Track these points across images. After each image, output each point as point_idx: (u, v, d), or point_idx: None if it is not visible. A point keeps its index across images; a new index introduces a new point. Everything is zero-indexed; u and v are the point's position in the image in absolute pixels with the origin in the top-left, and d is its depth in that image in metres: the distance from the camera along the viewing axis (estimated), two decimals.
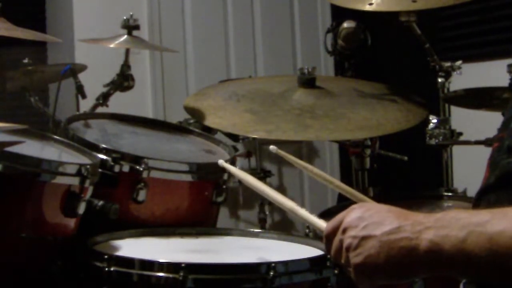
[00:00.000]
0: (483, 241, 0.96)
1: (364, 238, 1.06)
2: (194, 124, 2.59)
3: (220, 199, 1.97)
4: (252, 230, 1.98)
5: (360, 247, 1.07)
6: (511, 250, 0.94)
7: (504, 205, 0.99)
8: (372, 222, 1.07)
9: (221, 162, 1.68)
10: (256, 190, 1.43)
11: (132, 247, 1.69)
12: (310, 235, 1.94)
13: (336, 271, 1.55)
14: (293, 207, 1.32)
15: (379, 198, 2.31)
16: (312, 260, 1.55)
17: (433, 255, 1.00)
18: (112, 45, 2.42)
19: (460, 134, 2.38)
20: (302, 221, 1.33)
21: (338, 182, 1.47)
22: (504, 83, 2.23)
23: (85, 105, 2.55)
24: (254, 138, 3.35)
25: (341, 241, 1.11)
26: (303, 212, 1.30)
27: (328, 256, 1.48)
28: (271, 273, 1.47)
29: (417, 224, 1.03)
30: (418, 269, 1.03)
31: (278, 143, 4.07)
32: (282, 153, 1.61)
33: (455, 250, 0.98)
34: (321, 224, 1.24)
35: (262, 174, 3.53)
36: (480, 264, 0.96)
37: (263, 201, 3.50)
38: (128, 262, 1.51)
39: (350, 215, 1.11)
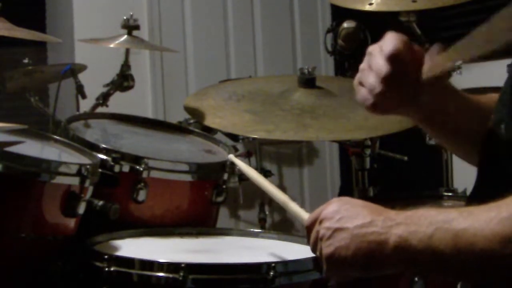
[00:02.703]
0: (448, 237, 0.99)
1: (337, 230, 1.10)
2: (194, 124, 2.59)
3: (220, 199, 1.97)
4: (252, 230, 1.98)
5: (331, 238, 1.10)
6: (473, 247, 0.96)
7: None
8: (346, 215, 1.10)
9: (231, 156, 1.72)
10: (263, 188, 1.46)
11: (132, 247, 1.69)
12: None
13: None
14: (285, 201, 1.39)
15: (379, 198, 2.31)
16: (312, 260, 1.55)
17: (401, 250, 1.03)
18: (112, 45, 2.42)
19: None
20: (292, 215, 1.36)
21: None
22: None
23: (85, 105, 2.55)
24: (254, 138, 3.34)
25: (317, 232, 1.14)
26: (293, 206, 1.36)
27: None
28: (271, 273, 1.47)
29: (388, 219, 1.06)
30: (386, 263, 1.06)
31: (278, 143, 4.08)
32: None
33: (422, 245, 1.01)
34: (306, 217, 1.27)
35: (262, 174, 3.52)
36: (445, 260, 1.00)
37: (263, 201, 3.50)
38: (128, 262, 1.51)
39: (328, 208, 1.14)
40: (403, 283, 1.68)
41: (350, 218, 1.09)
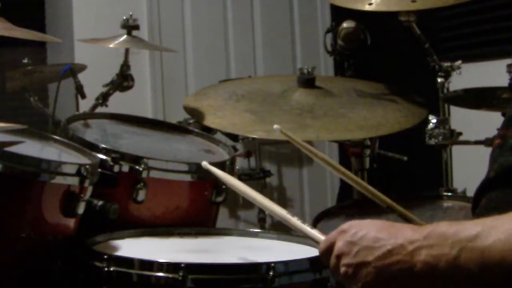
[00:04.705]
0: (475, 256, 0.97)
1: (358, 266, 1.07)
2: (194, 124, 2.59)
3: (219, 199, 1.97)
4: (252, 230, 1.98)
5: (356, 276, 1.07)
6: (502, 263, 0.95)
7: (505, 204, 1.00)
8: (363, 246, 1.07)
9: (205, 164, 1.59)
10: (242, 194, 1.43)
11: (132, 247, 1.69)
12: None
13: None
14: (285, 216, 1.31)
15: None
16: (312, 260, 1.55)
17: (429, 275, 1.01)
18: (111, 45, 2.42)
19: (460, 134, 2.37)
20: (295, 230, 1.32)
21: (343, 169, 1.46)
22: (504, 83, 2.23)
23: (85, 105, 2.55)
24: (254, 138, 3.35)
25: (337, 267, 1.11)
26: (296, 222, 1.29)
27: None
28: (271, 273, 1.47)
29: (408, 243, 1.03)
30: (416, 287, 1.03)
31: (278, 143, 4.08)
32: (288, 134, 1.50)
33: (450, 268, 0.99)
34: (314, 234, 1.25)
35: (262, 174, 3.53)
36: (474, 279, 0.98)
37: None
38: (128, 262, 1.51)
39: (341, 239, 1.11)
40: None
41: (368, 249, 1.06)
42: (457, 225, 1.01)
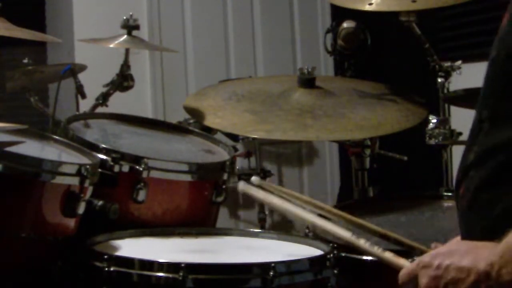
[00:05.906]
0: None
1: None
2: (194, 124, 2.59)
3: (220, 199, 1.97)
4: (252, 230, 1.98)
5: None
6: None
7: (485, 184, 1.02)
8: (449, 280, 1.08)
9: (242, 188, 1.54)
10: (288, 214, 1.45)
11: (132, 247, 1.69)
12: (310, 235, 1.94)
13: (335, 271, 1.55)
14: (349, 238, 1.33)
15: (378, 198, 2.31)
16: (312, 260, 1.55)
17: None
18: (112, 45, 2.42)
19: (460, 134, 2.37)
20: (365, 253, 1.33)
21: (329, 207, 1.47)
22: None
23: (85, 105, 2.55)
24: (254, 138, 3.34)
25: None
26: (364, 245, 1.30)
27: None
28: (271, 273, 1.47)
29: (490, 268, 1.04)
30: None
31: (278, 143, 4.08)
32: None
33: None
34: (389, 257, 1.26)
35: (262, 174, 3.53)
36: None
37: None
38: (128, 262, 1.52)
39: (425, 276, 1.12)
40: None
41: (455, 282, 1.08)
42: None
